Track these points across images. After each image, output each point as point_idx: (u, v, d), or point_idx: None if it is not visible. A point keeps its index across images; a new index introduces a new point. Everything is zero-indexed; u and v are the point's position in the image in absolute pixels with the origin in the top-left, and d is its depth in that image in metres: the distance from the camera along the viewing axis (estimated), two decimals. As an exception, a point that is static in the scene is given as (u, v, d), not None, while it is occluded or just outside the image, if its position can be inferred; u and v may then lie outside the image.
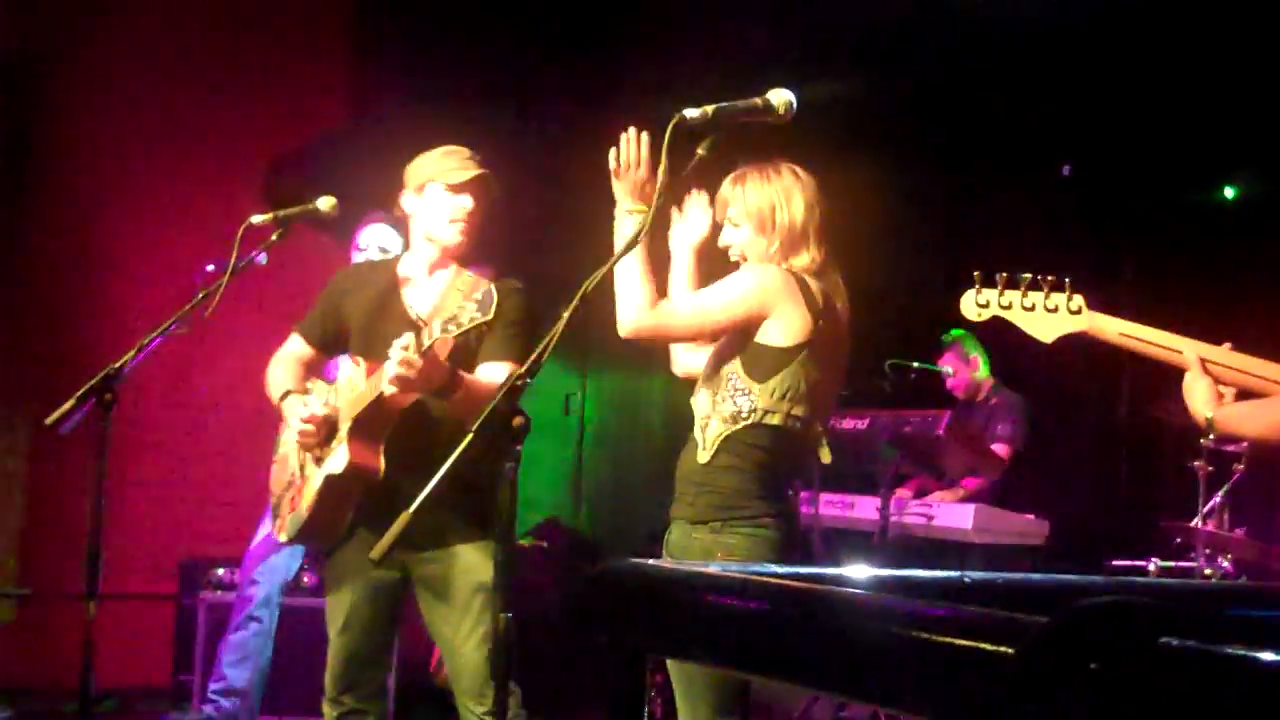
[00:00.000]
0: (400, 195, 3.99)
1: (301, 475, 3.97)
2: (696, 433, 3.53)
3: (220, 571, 6.46)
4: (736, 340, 3.48)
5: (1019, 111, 7.20)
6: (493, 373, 3.75)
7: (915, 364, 6.71)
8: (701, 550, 3.40)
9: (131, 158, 7.20)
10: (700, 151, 2.89)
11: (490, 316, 3.23)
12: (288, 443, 4.06)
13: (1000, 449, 6.68)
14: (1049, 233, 7.70)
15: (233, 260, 4.05)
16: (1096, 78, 6.86)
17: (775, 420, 3.42)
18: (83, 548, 3.70)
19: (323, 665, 5.77)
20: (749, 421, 3.41)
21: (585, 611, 1.79)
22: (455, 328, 3.30)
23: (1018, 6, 6.51)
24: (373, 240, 5.67)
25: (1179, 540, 6.08)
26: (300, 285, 7.13)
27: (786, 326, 3.40)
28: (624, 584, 1.72)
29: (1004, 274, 3.21)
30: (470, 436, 2.69)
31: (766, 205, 3.52)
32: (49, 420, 3.67)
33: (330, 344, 4.11)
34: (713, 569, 1.79)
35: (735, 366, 3.45)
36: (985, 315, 3.21)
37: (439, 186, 3.89)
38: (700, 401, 3.55)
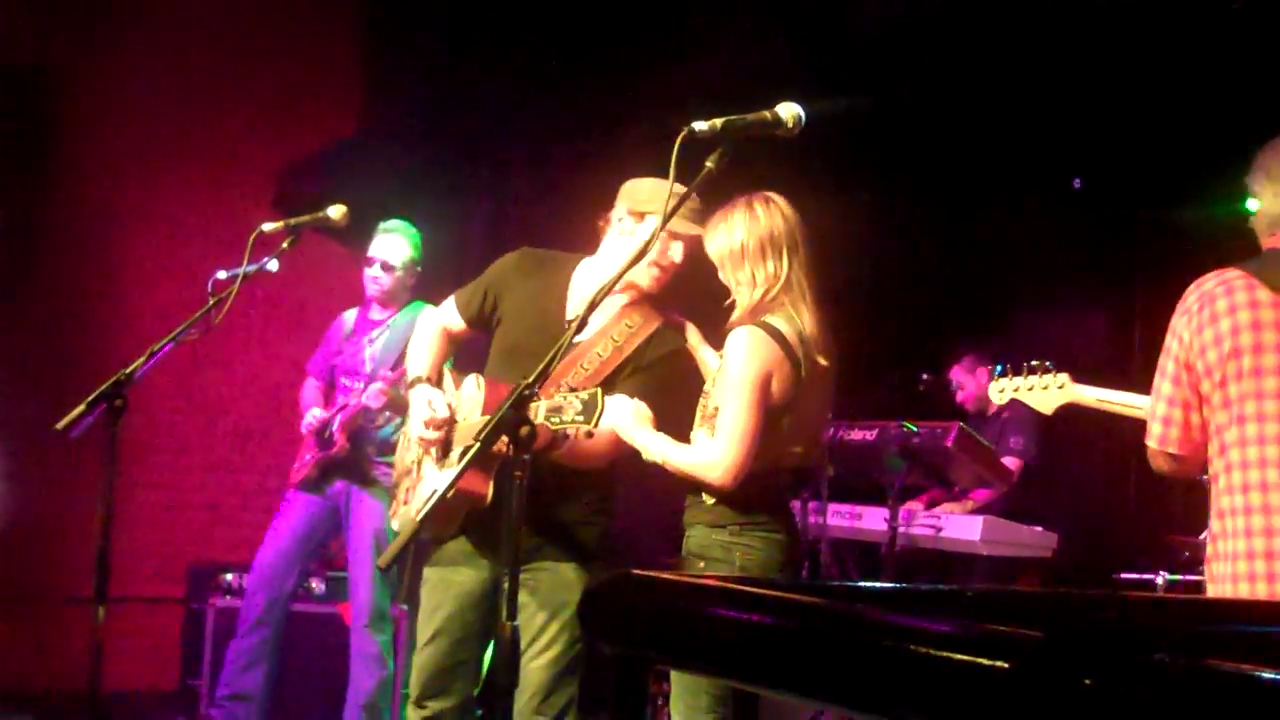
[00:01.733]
0: (614, 207, 3.87)
1: (418, 471, 3.92)
2: None
3: (229, 576, 6.48)
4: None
5: (1030, 124, 7.20)
6: None
7: (925, 375, 6.72)
8: (722, 549, 3.59)
9: (144, 166, 7.23)
10: (709, 164, 2.91)
11: (591, 425, 3.02)
12: (412, 434, 3.94)
13: (1010, 462, 6.67)
14: (1061, 246, 7.70)
15: (244, 267, 4.07)
16: (1109, 87, 6.85)
17: (780, 462, 3.66)
18: (92, 552, 3.71)
19: (332, 670, 5.83)
20: (755, 470, 3.57)
21: (591, 620, 1.80)
22: (556, 419, 3.11)
23: (1028, 18, 6.52)
24: (382, 251, 5.68)
25: (1187, 554, 6.07)
26: (310, 292, 7.18)
27: (776, 386, 3.57)
28: (630, 594, 1.72)
29: (1009, 365, 4.33)
30: (477, 445, 2.71)
31: (721, 245, 3.69)
32: (59, 425, 3.68)
33: (481, 323, 3.97)
34: (719, 581, 1.80)
35: None
36: (1006, 398, 4.35)
37: (662, 226, 3.73)
38: (702, 441, 3.68)
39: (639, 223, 3.79)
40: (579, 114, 7.22)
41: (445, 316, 4.05)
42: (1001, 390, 4.33)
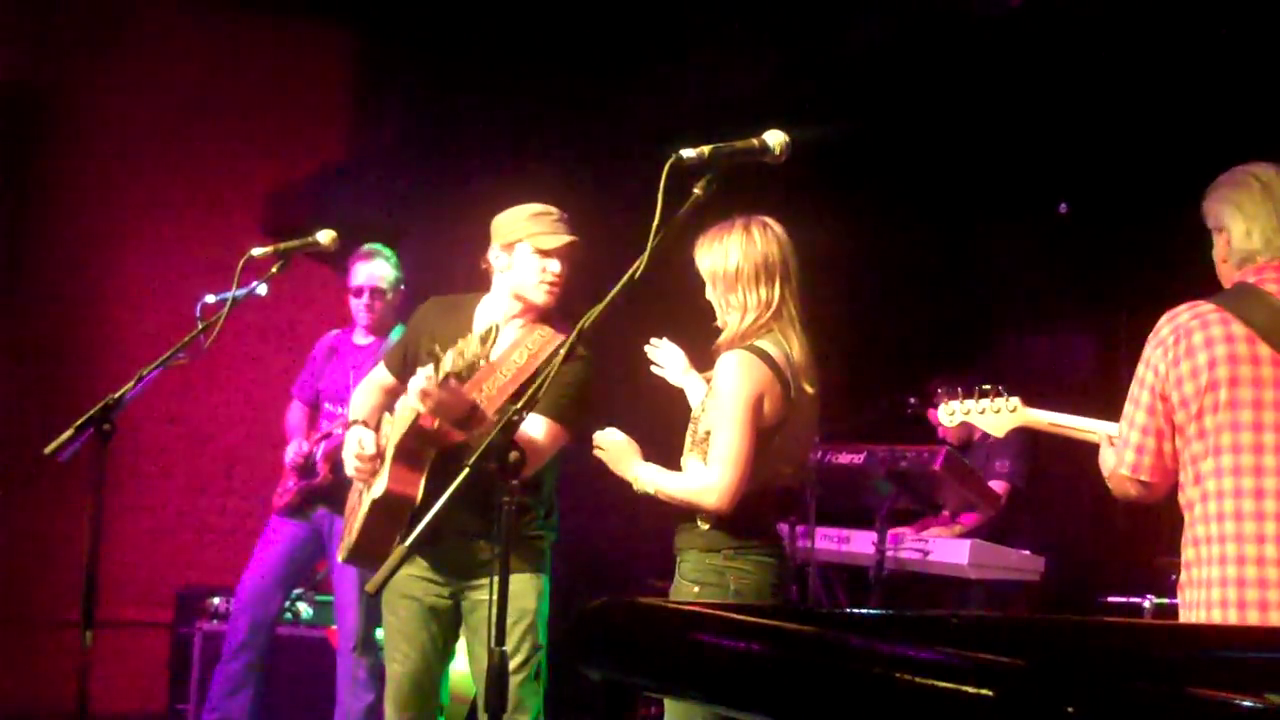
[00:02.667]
0: (488, 249, 4.09)
1: (359, 501, 4.15)
2: None
3: (216, 600, 6.47)
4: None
5: (1016, 149, 7.23)
6: (531, 425, 3.85)
7: (912, 399, 6.74)
8: (716, 574, 3.61)
9: (133, 189, 7.23)
10: (697, 192, 2.92)
11: (487, 348, 3.35)
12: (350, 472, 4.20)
13: (997, 485, 6.67)
14: (1047, 269, 7.73)
15: (233, 291, 4.08)
16: (1095, 109, 6.88)
17: (771, 483, 3.67)
18: (80, 575, 3.71)
19: (320, 694, 5.82)
20: (748, 491, 3.59)
21: (579, 647, 1.81)
22: (460, 360, 3.48)
23: (1013, 42, 6.55)
24: (367, 278, 5.68)
25: (1174, 577, 6.07)
26: (299, 316, 7.19)
27: (767, 407, 3.61)
28: (617, 620, 1.73)
29: (960, 389, 4.25)
30: (466, 470, 2.72)
31: (714, 264, 3.74)
32: (48, 449, 3.69)
33: (409, 374, 4.13)
34: (705, 607, 1.81)
35: None
36: (956, 420, 4.27)
37: (528, 248, 4.00)
38: (694, 467, 3.71)
39: (511, 254, 4.03)
40: (567, 140, 7.24)
41: (379, 375, 4.33)
42: (951, 413, 4.30)
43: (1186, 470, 3.37)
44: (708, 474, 3.59)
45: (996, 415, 4.14)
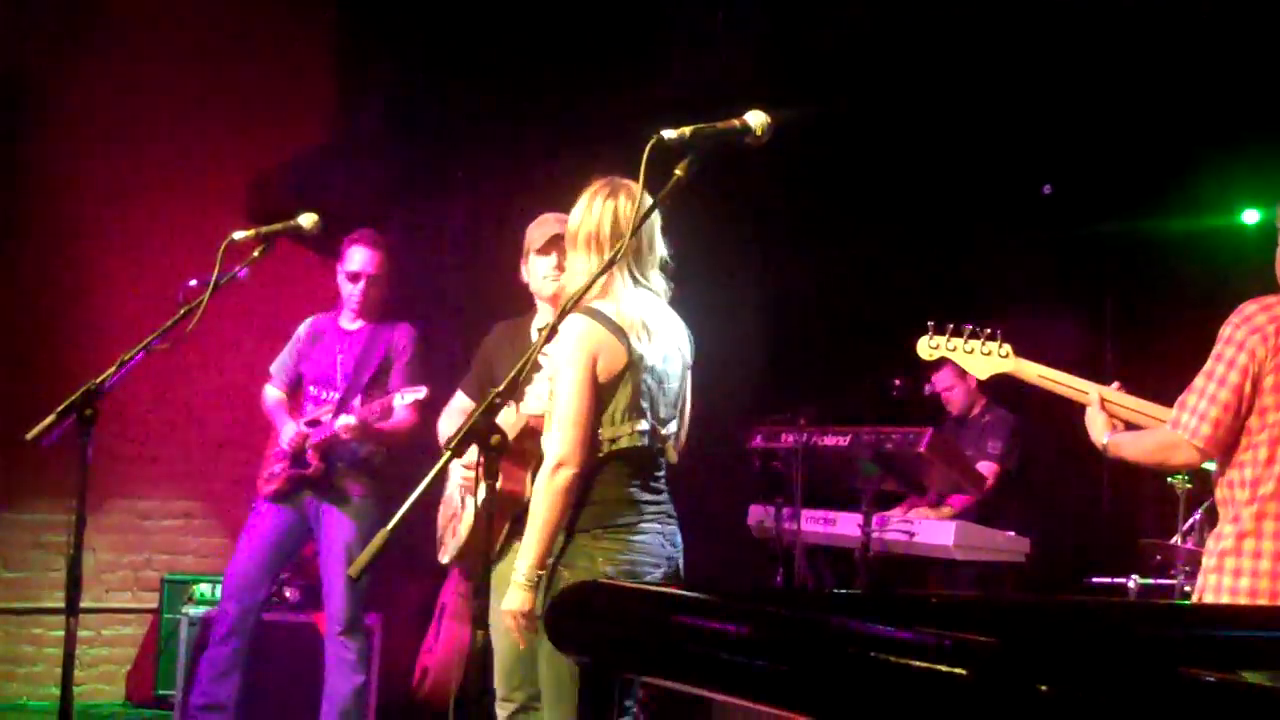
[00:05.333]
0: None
1: (461, 507, 4.39)
2: None
3: (202, 586, 6.47)
4: None
5: (1001, 132, 7.23)
6: None
7: (898, 380, 6.75)
8: (584, 555, 3.51)
9: (115, 173, 7.19)
10: (678, 172, 2.91)
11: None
12: (451, 487, 4.49)
13: (985, 467, 6.69)
14: (1032, 252, 7.74)
15: (214, 276, 4.05)
16: (1080, 92, 6.88)
17: (624, 444, 3.55)
18: (64, 561, 3.69)
19: (303, 680, 5.82)
20: (601, 454, 3.54)
21: (559, 629, 1.81)
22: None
23: (1002, 26, 6.55)
24: (357, 264, 5.67)
25: (1159, 558, 6.11)
26: (283, 301, 7.15)
27: (604, 364, 3.52)
28: (595, 603, 1.73)
29: (950, 325, 4.17)
30: (448, 455, 2.72)
31: (568, 222, 3.71)
32: (29, 435, 3.66)
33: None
34: (683, 590, 1.82)
35: None
36: (935, 355, 4.23)
37: (531, 254, 4.38)
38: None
39: (526, 264, 4.42)
40: (552, 121, 7.22)
41: (460, 403, 4.64)
42: (935, 347, 4.23)
43: (1259, 450, 3.57)
44: (550, 441, 3.51)
45: (985, 358, 4.14)
